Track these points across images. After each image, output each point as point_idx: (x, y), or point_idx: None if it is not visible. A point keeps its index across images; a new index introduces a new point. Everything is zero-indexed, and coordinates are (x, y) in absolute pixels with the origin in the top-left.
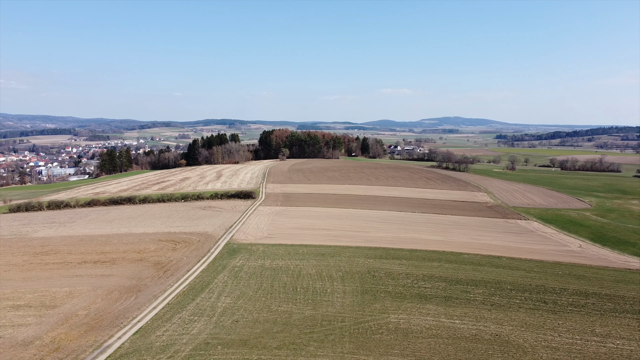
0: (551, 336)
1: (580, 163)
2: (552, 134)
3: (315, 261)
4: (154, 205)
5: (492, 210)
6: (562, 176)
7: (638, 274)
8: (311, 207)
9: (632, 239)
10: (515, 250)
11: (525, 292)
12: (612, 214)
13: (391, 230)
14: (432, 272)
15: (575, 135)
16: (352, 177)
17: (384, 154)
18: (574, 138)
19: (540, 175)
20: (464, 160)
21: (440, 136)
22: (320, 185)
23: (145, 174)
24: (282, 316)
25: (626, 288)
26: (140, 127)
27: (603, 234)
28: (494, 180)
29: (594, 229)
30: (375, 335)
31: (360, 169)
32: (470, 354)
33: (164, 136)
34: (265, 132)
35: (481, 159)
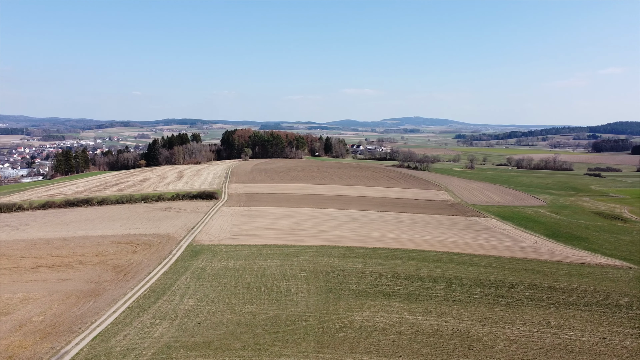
0: (509, 329)
1: (535, 162)
2: (509, 134)
3: (279, 261)
4: (113, 206)
5: (452, 208)
6: (519, 174)
7: (590, 268)
8: (275, 207)
9: (583, 234)
10: (475, 247)
11: (484, 287)
12: (565, 211)
13: (354, 229)
14: (395, 269)
15: (530, 135)
16: (315, 177)
17: (347, 153)
18: (529, 138)
19: (497, 174)
20: (425, 160)
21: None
22: (283, 185)
23: (103, 175)
24: (246, 317)
25: (579, 281)
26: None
27: (557, 230)
28: (454, 178)
29: (548, 225)
30: (339, 333)
31: (323, 168)
32: (433, 349)
33: (123, 136)
34: (228, 132)
35: (441, 158)
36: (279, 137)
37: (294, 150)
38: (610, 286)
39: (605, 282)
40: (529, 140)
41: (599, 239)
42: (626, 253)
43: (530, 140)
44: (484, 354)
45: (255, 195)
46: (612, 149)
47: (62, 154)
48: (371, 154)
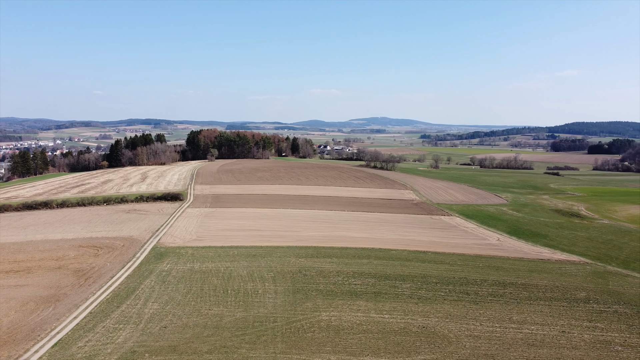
0: (473, 325)
1: (497, 161)
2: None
3: (246, 262)
4: (74, 209)
5: (418, 207)
6: (482, 174)
7: (549, 264)
8: (241, 208)
9: (543, 231)
10: (440, 245)
11: (449, 284)
12: (526, 209)
13: (322, 229)
14: (362, 268)
15: (492, 135)
16: (282, 177)
17: (313, 153)
18: (492, 137)
19: (461, 173)
20: (391, 160)
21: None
22: (250, 186)
23: (63, 177)
24: (212, 319)
25: (539, 277)
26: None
27: (518, 227)
28: (419, 178)
29: (510, 223)
30: (307, 333)
31: (290, 168)
32: (399, 346)
33: (84, 136)
34: (193, 132)
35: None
36: (245, 138)
37: (260, 150)
38: (569, 281)
39: (564, 277)
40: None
41: (558, 236)
42: (583, 249)
43: (493, 140)
44: (449, 350)
45: (221, 196)
46: (570, 148)
47: (19, 155)
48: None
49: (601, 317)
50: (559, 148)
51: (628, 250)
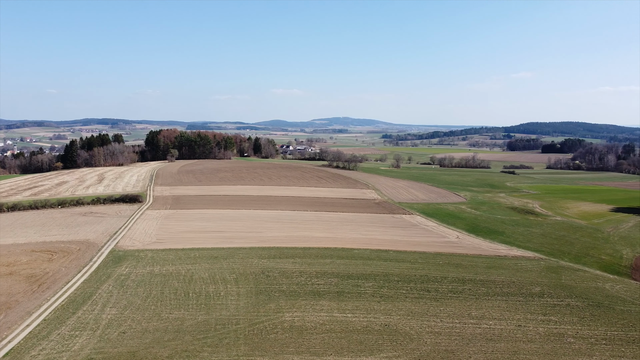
0: (434, 322)
1: (456, 160)
2: (432, 134)
3: (208, 264)
4: (26, 212)
5: (379, 207)
6: (441, 173)
7: (506, 260)
8: (203, 209)
9: (500, 228)
10: (401, 243)
11: (410, 282)
12: (484, 207)
13: (284, 230)
14: (325, 268)
15: (451, 135)
16: (244, 178)
17: (276, 153)
18: (451, 137)
19: (422, 173)
20: (353, 159)
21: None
22: (212, 187)
23: (14, 179)
24: (173, 323)
25: (496, 273)
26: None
27: (476, 225)
28: (381, 177)
29: (468, 221)
30: (270, 335)
31: (252, 169)
32: (362, 345)
33: (37, 137)
34: (152, 132)
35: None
36: (206, 138)
37: (222, 151)
38: (524, 276)
39: (520, 272)
40: (450, 139)
41: (514, 233)
42: (538, 245)
43: (452, 140)
44: (410, 347)
45: (182, 197)
46: (525, 147)
47: None
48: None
49: (555, 311)
50: (514, 147)
51: (579, 246)
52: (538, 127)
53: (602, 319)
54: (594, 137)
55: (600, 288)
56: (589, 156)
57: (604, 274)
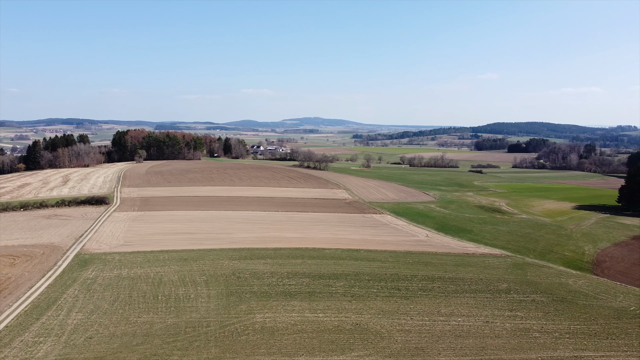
0: (404, 320)
1: (425, 160)
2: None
3: (178, 267)
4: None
5: (350, 206)
6: (411, 172)
7: (474, 258)
8: (172, 210)
9: (468, 226)
10: (372, 242)
11: (381, 281)
12: (452, 205)
13: (255, 230)
14: (296, 269)
15: (420, 135)
16: (214, 179)
17: (247, 154)
18: (420, 137)
19: (392, 172)
20: (324, 159)
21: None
22: (181, 188)
23: None
24: (142, 327)
25: (465, 271)
26: None
27: (445, 223)
28: (352, 177)
29: (438, 220)
30: (241, 336)
31: (223, 169)
32: (334, 344)
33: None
34: (119, 132)
35: (340, 157)
36: (175, 138)
37: (191, 151)
38: (492, 273)
39: (488, 270)
40: (419, 139)
41: (482, 231)
42: (504, 242)
43: (421, 139)
44: (381, 346)
45: (150, 199)
46: (492, 147)
47: None
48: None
49: (521, 306)
50: (481, 147)
51: (544, 243)
52: (504, 127)
53: (566, 313)
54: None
55: (564, 283)
56: (552, 155)
57: (568, 270)
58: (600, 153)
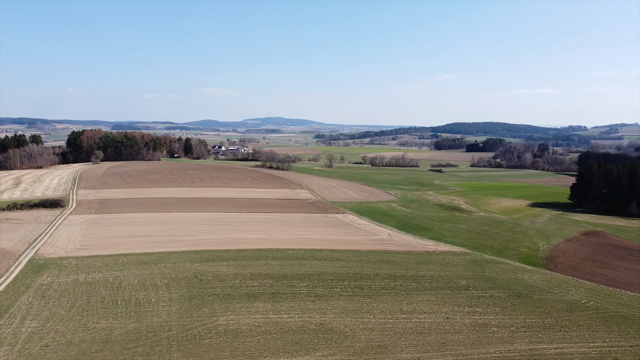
0: (367, 318)
1: (387, 160)
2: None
3: (138, 270)
4: None
5: (313, 206)
6: (373, 172)
7: (434, 255)
8: (131, 213)
9: (429, 225)
10: (335, 242)
11: (344, 280)
12: (414, 204)
13: (218, 232)
14: (260, 270)
15: (382, 135)
16: (175, 180)
17: (208, 154)
18: (381, 137)
19: (354, 172)
20: (287, 159)
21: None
22: (140, 189)
23: None
24: (101, 333)
25: (426, 268)
26: None
27: (407, 222)
28: (315, 177)
29: (399, 219)
30: (204, 340)
31: (183, 170)
32: (298, 345)
33: None
34: (75, 132)
35: (302, 157)
36: (134, 138)
37: (151, 152)
38: (452, 270)
39: (448, 267)
40: (381, 139)
41: (442, 229)
42: (463, 240)
43: (382, 139)
44: (345, 345)
45: (108, 201)
46: (451, 147)
47: None
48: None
49: (479, 302)
50: (441, 147)
51: (501, 240)
52: (462, 127)
53: (522, 308)
54: (513, 136)
55: (520, 279)
56: (508, 155)
57: (523, 266)
58: (553, 152)
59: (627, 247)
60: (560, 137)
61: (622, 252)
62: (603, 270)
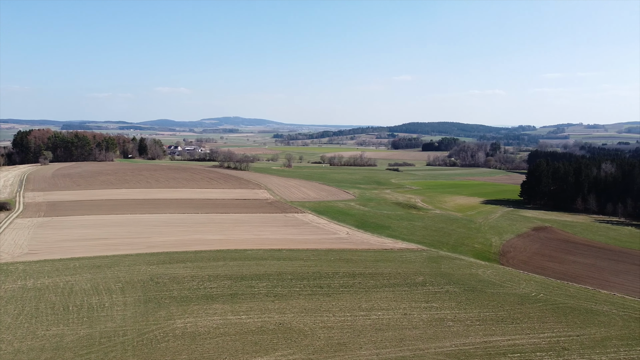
0: (327, 317)
1: (345, 159)
2: (322, 133)
3: (90, 274)
4: None
5: (272, 206)
6: (331, 171)
7: (392, 253)
8: (83, 215)
9: (386, 223)
10: (294, 242)
11: (304, 279)
12: (372, 203)
13: (174, 234)
14: (218, 271)
15: (340, 134)
16: (129, 181)
17: (163, 155)
18: (339, 137)
19: (313, 171)
20: (245, 159)
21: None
22: (93, 191)
23: None
24: (51, 341)
25: (384, 266)
26: None
27: (365, 220)
28: (273, 177)
29: (358, 217)
30: (161, 344)
31: (138, 171)
32: (257, 345)
33: None
34: (21, 132)
35: (261, 157)
36: (85, 139)
37: (103, 152)
38: (409, 267)
39: (405, 264)
40: (339, 139)
41: (399, 226)
42: (420, 237)
43: (340, 139)
44: (304, 344)
45: (58, 203)
46: (407, 146)
47: None
48: (190, 154)
49: (436, 298)
50: (398, 146)
51: (456, 236)
52: (418, 126)
53: (476, 302)
54: (467, 136)
55: (474, 274)
56: (462, 153)
57: (477, 261)
58: (504, 151)
59: (574, 241)
60: (511, 137)
61: (569, 246)
62: (551, 263)
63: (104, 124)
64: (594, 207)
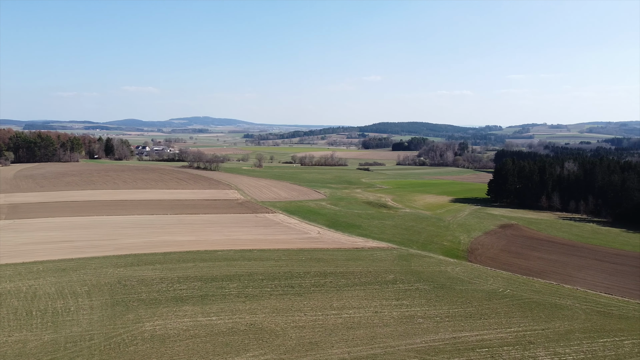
0: (298, 316)
1: (316, 159)
2: (293, 133)
3: (55, 278)
4: None
5: (242, 207)
6: (302, 171)
7: (363, 252)
8: (47, 217)
9: (357, 222)
10: (265, 242)
11: (275, 280)
12: (342, 202)
13: (143, 235)
14: (188, 272)
15: (311, 134)
16: (95, 182)
17: (131, 155)
18: (310, 137)
19: (284, 171)
20: (215, 160)
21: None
22: (57, 193)
23: None
24: (13, 347)
25: (355, 264)
26: None
27: (336, 220)
28: (244, 177)
29: (329, 217)
30: (129, 347)
31: (104, 172)
32: (228, 347)
33: None
34: None
35: (231, 157)
36: (48, 139)
37: (68, 153)
38: (380, 265)
39: (376, 262)
40: (310, 139)
41: (370, 225)
42: (390, 236)
43: (311, 139)
44: (276, 344)
45: (20, 205)
46: (378, 146)
47: None
48: (159, 155)
49: (406, 295)
50: (368, 146)
51: (425, 234)
52: (388, 126)
53: (446, 299)
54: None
55: (444, 271)
56: (431, 153)
57: (447, 259)
58: (472, 151)
59: (538, 238)
60: (479, 136)
61: (534, 243)
62: (518, 260)
63: (69, 123)
64: (558, 205)
